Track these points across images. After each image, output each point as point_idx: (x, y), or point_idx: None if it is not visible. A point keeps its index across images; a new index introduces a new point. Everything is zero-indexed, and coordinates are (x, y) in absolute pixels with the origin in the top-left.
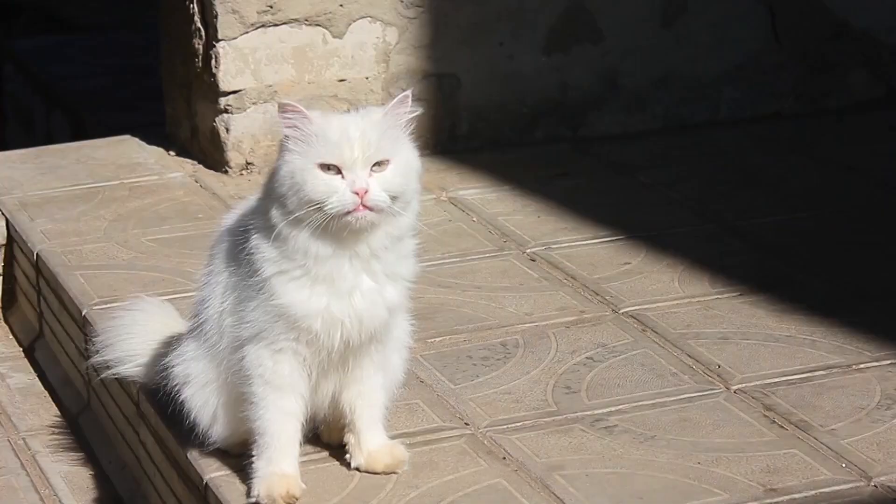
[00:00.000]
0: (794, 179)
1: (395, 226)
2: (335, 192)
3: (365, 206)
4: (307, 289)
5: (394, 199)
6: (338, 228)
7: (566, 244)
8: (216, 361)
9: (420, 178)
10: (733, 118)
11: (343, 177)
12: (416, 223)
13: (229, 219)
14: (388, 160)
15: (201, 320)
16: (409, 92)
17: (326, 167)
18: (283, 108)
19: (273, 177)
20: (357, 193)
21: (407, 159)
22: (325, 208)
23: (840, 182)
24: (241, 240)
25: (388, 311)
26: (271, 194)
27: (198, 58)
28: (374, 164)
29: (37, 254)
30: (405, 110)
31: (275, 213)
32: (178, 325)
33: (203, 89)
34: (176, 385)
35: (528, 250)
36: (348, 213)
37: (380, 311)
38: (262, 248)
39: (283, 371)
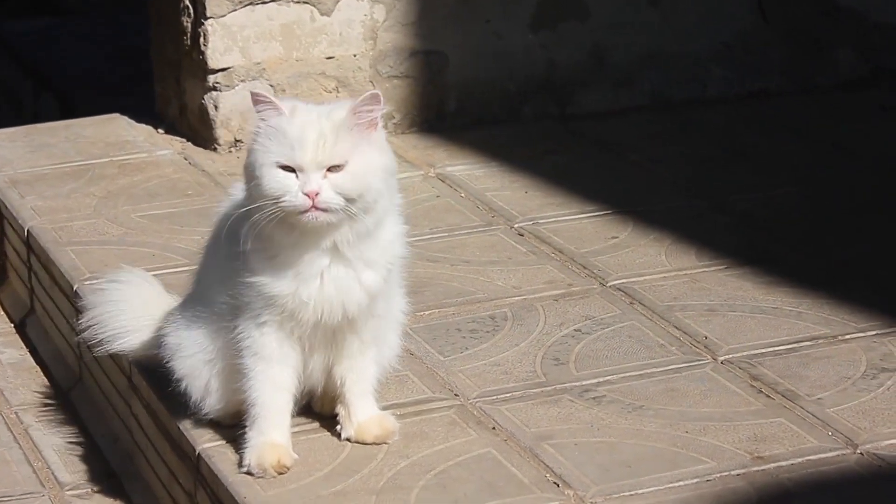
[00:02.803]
0: (781, 156)
1: (360, 224)
2: (289, 192)
3: (317, 208)
4: (278, 270)
5: (352, 200)
6: (296, 222)
7: (553, 219)
8: (211, 331)
9: (389, 177)
10: (721, 96)
11: (297, 176)
12: (384, 218)
13: (236, 190)
14: (345, 162)
15: (199, 290)
16: (376, 91)
17: (283, 165)
18: (255, 99)
19: (245, 162)
20: (308, 195)
21: (368, 161)
22: (280, 205)
23: (827, 159)
24: (237, 212)
25: (369, 296)
26: (244, 178)
27: (186, 35)
28: (333, 166)
29: (27, 230)
30: (369, 109)
31: (246, 197)
32: (165, 298)
33: (191, 67)
34: (169, 355)
35: (515, 225)
36: (302, 212)
37: (356, 296)
38: (245, 223)
39: (270, 343)
